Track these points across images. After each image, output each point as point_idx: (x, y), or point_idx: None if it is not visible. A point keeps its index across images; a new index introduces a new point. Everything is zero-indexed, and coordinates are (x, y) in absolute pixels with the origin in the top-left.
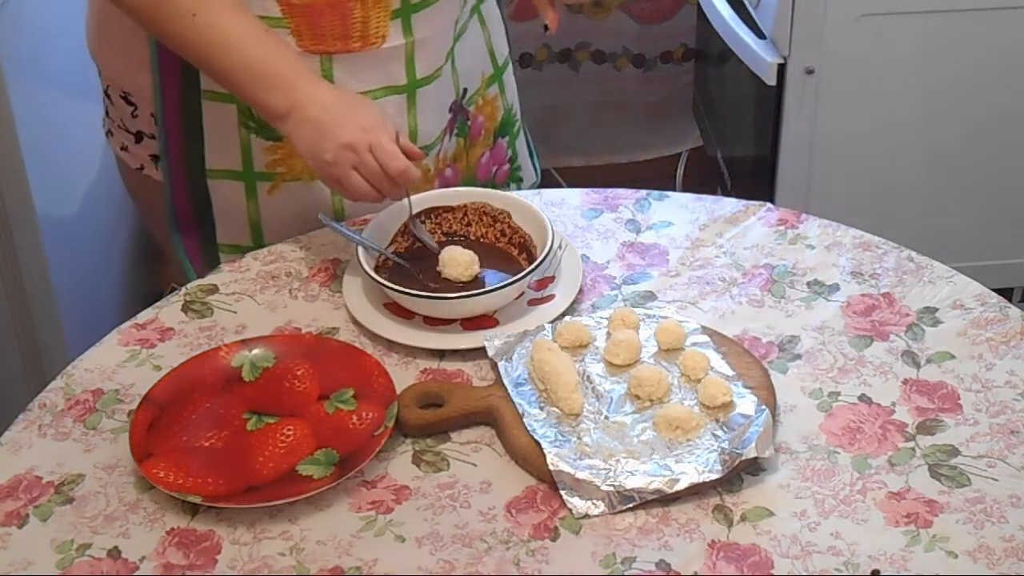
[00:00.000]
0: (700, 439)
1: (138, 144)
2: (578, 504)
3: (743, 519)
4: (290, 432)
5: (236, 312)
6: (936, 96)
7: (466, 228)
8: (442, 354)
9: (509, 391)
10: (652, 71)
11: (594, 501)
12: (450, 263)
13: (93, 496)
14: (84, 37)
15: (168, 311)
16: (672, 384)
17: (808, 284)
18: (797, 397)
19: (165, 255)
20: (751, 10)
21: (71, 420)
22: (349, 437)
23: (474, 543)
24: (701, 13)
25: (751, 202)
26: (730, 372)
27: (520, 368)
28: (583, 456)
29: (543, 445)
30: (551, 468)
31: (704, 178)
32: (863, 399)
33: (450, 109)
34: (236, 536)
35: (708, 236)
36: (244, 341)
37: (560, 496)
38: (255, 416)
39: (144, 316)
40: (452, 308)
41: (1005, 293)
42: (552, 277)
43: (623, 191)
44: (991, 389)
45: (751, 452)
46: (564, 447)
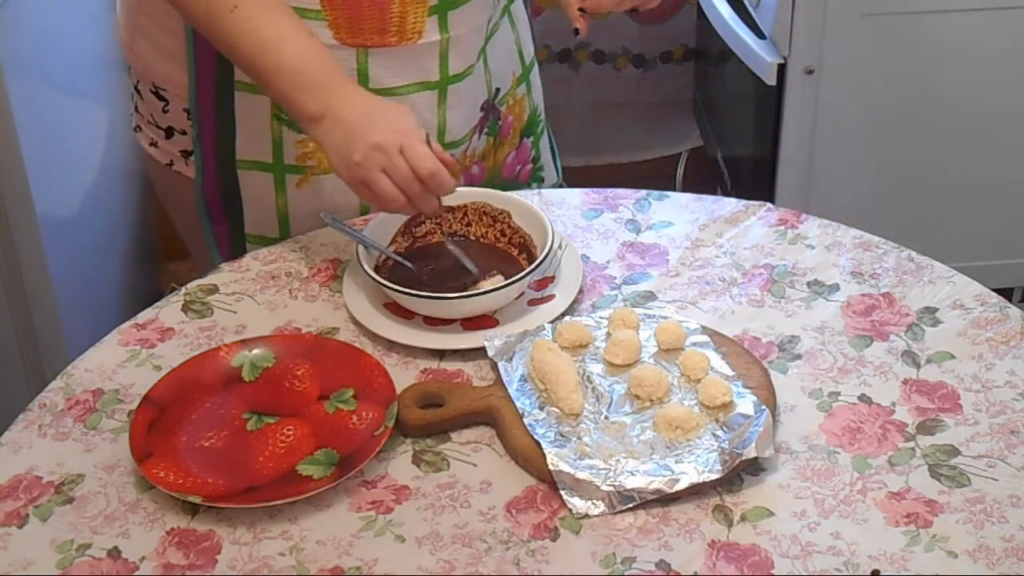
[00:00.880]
0: (700, 439)
1: (168, 139)
2: (578, 504)
3: (743, 519)
4: (290, 432)
5: (236, 312)
6: (936, 96)
7: (466, 228)
8: (442, 354)
9: (509, 391)
10: (652, 71)
11: (594, 501)
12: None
13: (93, 496)
14: (85, 37)
15: (168, 311)
16: (672, 384)
17: (808, 284)
18: (797, 397)
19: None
20: (751, 10)
21: (71, 420)
22: (349, 437)
23: (474, 543)
24: (701, 13)
25: (751, 202)
26: (730, 372)
27: (520, 368)
28: (583, 456)
29: (543, 445)
30: (551, 468)
31: (704, 178)
32: (863, 399)
33: (482, 108)
34: (236, 536)
35: (708, 236)
36: (244, 341)
37: (560, 496)
38: (255, 416)
39: (144, 316)
40: (452, 308)
41: (1005, 293)
42: (552, 277)
43: (623, 191)
44: (991, 389)
45: (751, 452)
46: (564, 447)
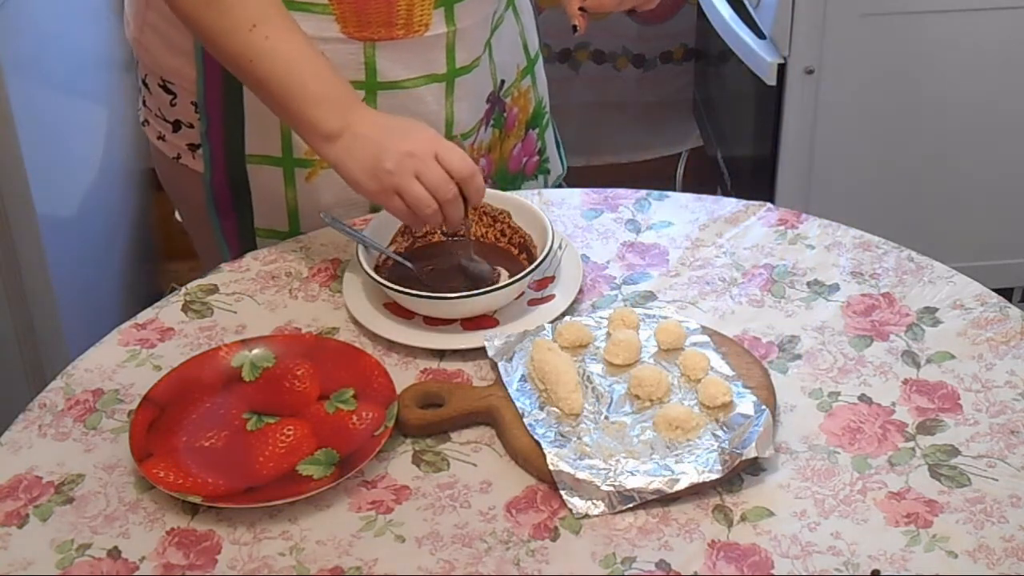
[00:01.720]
0: (700, 439)
1: (176, 133)
2: (578, 504)
3: (743, 519)
4: (290, 432)
5: (236, 312)
6: (936, 96)
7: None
8: (442, 354)
9: (509, 391)
10: (652, 71)
11: (594, 501)
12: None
13: (93, 496)
14: (85, 37)
15: (168, 311)
16: (672, 384)
17: (808, 284)
18: (797, 397)
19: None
20: (751, 10)
21: (71, 420)
22: (349, 437)
23: (474, 543)
24: (701, 13)
25: (751, 202)
26: (730, 372)
27: (520, 368)
28: (583, 456)
29: (543, 445)
30: (551, 468)
31: (704, 178)
32: (863, 399)
33: (488, 100)
34: (236, 536)
35: (708, 236)
36: (244, 341)
37: (560, 496)
38: (255, 416)
39: (144, 316)
40: (452, 308)
41: (1005, 293)
42: (552, 277)
43: (623, 191)
44: (991, 389)
45: (751, 452)
46: (564, 447)
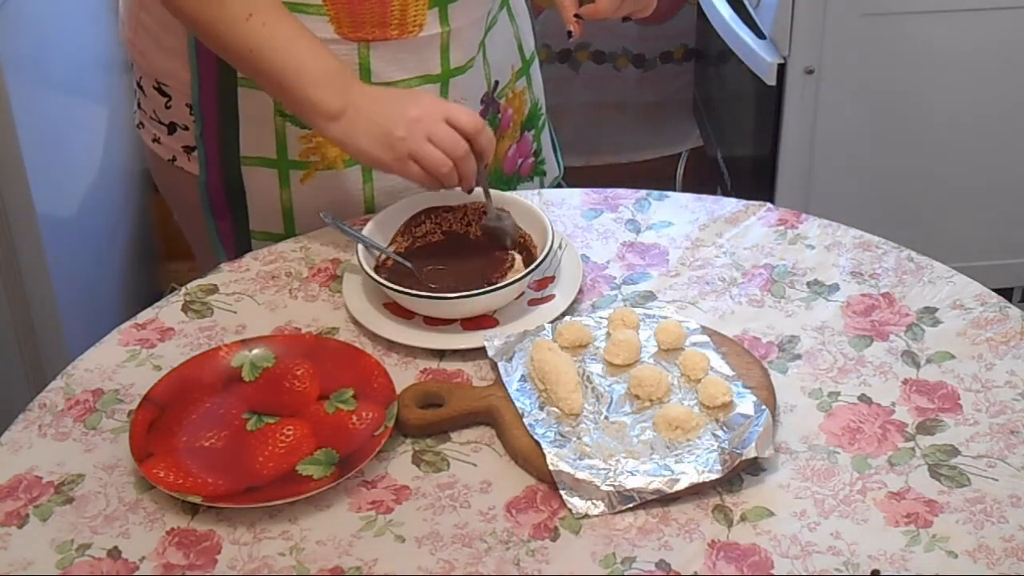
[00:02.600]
0: (700, 439)
1: (171, 135)
2: (578, 504)
3: (743, 519)
4: (290, 432)
5: (236, 312)
6: (936, 96)
7: (466, 228)
8: (442, 354)
9: (509, 391)
10: (652, 71)
11: (594, 501)
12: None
13: (93, 496)
14: (85, 37)
15: (168, 311)
16: (672, 384)
17: (808, 284)
18: (797, 397)
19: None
20: (751, 10)
21: (71, 420)
22: (349, 437)
23: (474, 543)
24: (701, 13)
25: (751, 202)
26: (730, 372)
27: (520, 368)
28: (583, 456)
29: (543, 445)
30: (551, 468)
31: (704, 178)
32: (863, 399)
33: (482, 101)
34: (236, 536)
35: (708, 236)
36: (244, 341)
37: (560, 496)
38: (255, 416)
39: (144, 316)
40: (452, 308)
41: (1005, 293)
42: (552, 277)
43: (623, 191)
44: (991, 389)
45: (751, 452)
46: (564, 447)
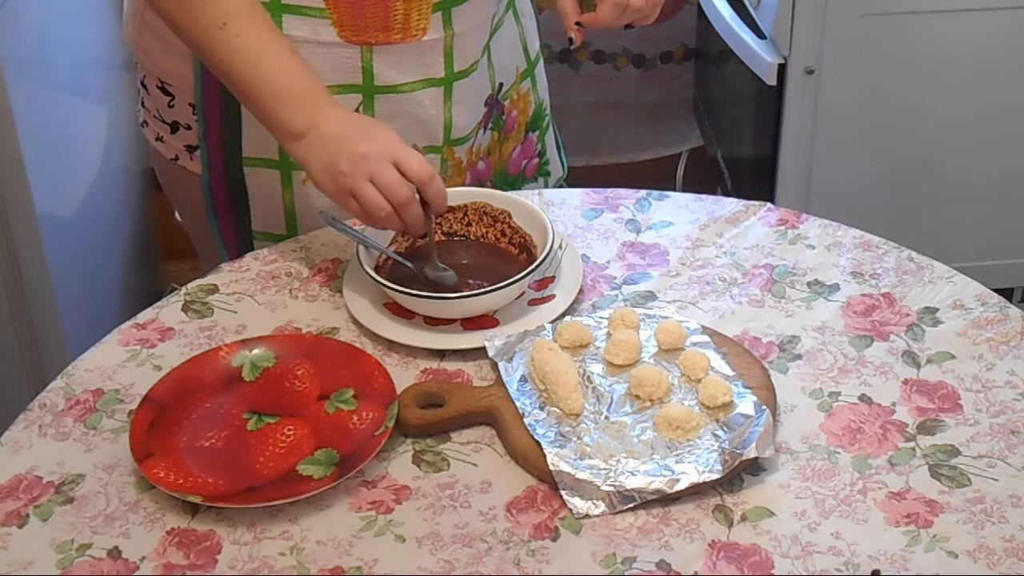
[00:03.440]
0: (700, 439)
1: (174, 134)
2: (578, 504)
3: (743, 519)
4: (290, 432)
5: (236, 312)
6: (936, 96)
7: (466, 228)
8: (442, 354)
9: (509, 391)
10: (652, 71)
11: (594, 501)
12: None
13: (93, 496)
14: (85, 37)
15: (168, 311)
16: (672, 384)
17: (808, 284)
18: (797, 397)
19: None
20: (751, 10)
21: (71, 420)
22: (349, 437)
23: (474, 543)
24: (701, 13)
25: (751, 202)
26: (730, 372)
27: (520, 368)
28: (583, 456)
29: (543, 445)
30: (551, 468)
31: (704, 178)
32: (863, 399)
33: (486, 103)
34: (236, 536)
35: (708, 236)
36: (244, 341)
37: (560, 496)
38: (255, 416)
39: (144, 316)
40: (452, 308)
41: (1005, 293)
42: (552, 277)
43: (623, 191)
44: (991, 389)
45: (751, 452)
46: (564, 447)
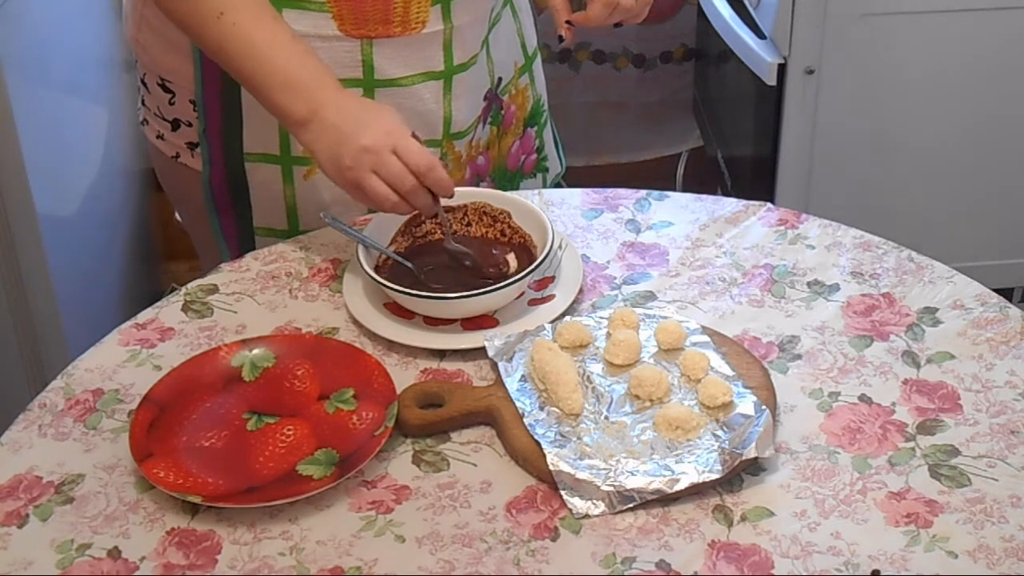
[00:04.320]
0: (700, 439)
1: (175, 132)
2: (578, 504)
3: (743, 519)
4: (290, 432)
5: (236, 312)
6: (936, 96)
7: (466, 228)
8: (442, 354)
9: (509, 391)
10: (652, 71)
11: (594, 501)
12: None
13: (93, 496)
14: (85, 37)
15: (168, 311)
16: (672, 384)
17: (808, 284)
18: (797, 397)
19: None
20: (751, 10)
21: (71, 420)
22: (349, 437)
23: (474, 543)
24: (701, 13)
25: (751, 202)
26: (730, 372)
27: (520, 368)
28: (583, 456)
29: (543, 445)
30: (551, 468)
31: (704, 178)
32: (863, 399)
33: (485, 97)
34: (236, 536)
35: (708, 236)
36: (244, 341)
37: (560, 496)
38: (255, 416)
39: (144, 316)
40: (452, 308)
41: (1005, 293)
42: (552, 277)
43: (623, 191)
44: (991, 389)
45: (751, 452)
46: (564, 447)
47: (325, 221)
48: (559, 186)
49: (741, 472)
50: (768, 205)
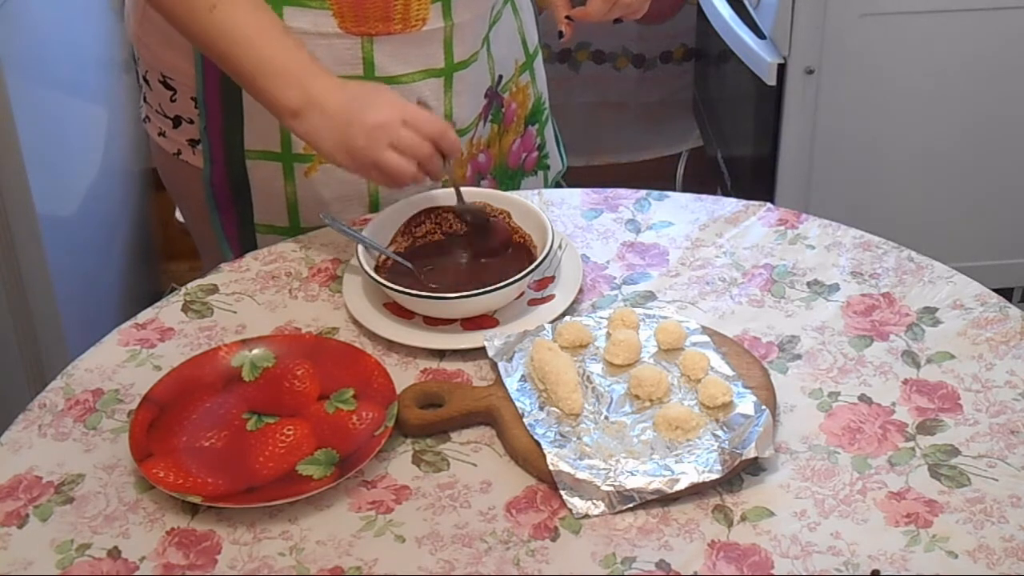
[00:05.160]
0: (700, 439)
1: (176, 129)
2: (578, 504)
3: (743, 519)
4: (290, 432)
5: (236, 312)
6: (936, 96)
7: (467, 228)
8: (442, 354)
9: (509, 391)
10: (652, 71)
11: (594, 501)
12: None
13: (93, 496)
14: (85, 36)
15: (168, 311)
16: (672, 384)
17: (808, 284)
18: (797, 397)
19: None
20: (751, 10)
21: (71, 420)
22: (349, 437)
23: (474, 543)
24: (701, 13)
25: (751, 202)
26: (730, 372)
27: (520, 368)
28: (583, 456)
29: (543, 445)
30: (551, 468)
31: (704, 178)
32: (863, 399)
33: (485, 95)
34: (236, 536)
35: (708, 236)
36: (244, 341)
37: (560, 496)
38: (255, 416)
39: (144, 316)
40: (452, 308)
41: (1005, 293)
42: (552, 277)
43: (623, 191)
44: (991, 389)
45: (751, 452)
46: (564, 447)
47: (325, 221)
48: (559, 185)
49: (741, 472)
50: (768, 205)
